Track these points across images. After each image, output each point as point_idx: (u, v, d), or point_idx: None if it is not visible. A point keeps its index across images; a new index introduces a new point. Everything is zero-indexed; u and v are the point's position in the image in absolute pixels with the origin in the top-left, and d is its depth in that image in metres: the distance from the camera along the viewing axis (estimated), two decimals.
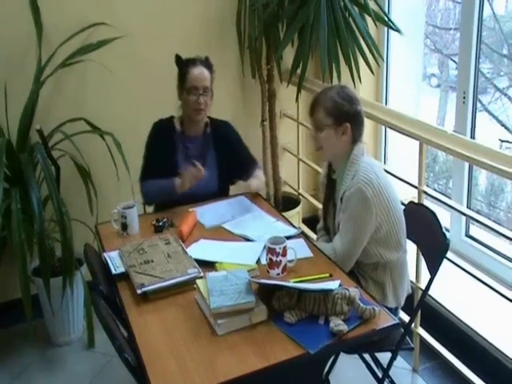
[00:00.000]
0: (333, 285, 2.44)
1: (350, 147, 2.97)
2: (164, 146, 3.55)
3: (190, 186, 3.33)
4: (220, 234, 3.18)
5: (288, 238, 2.89)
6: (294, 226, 3.24)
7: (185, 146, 3.57)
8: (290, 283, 2.51)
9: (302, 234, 3.15)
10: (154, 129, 3.62)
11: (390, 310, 2.75)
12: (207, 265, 2.80)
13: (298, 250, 2.82)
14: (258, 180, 3.52)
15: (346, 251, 2.93)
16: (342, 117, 2.92)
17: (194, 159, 3.45)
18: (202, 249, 3.00)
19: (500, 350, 3.23)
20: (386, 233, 2.93)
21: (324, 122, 2.94)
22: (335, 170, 3.10)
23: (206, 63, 3.52)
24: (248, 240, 3.09)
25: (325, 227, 3.30)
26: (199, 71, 3.45)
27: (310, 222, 4.81)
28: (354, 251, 2.94)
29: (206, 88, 3.45)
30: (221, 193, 3.65)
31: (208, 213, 3.38)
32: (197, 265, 2.74)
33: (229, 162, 3.60)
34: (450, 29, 5.87)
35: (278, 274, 2.69)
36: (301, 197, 5.08)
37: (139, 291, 2.58)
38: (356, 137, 2.98)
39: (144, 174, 3.59)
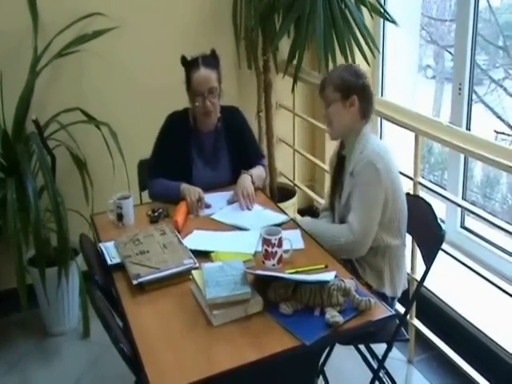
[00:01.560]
0: (328, 276, 2.44)
1: (359, 123, 3.03)
2: (177, 141, 3.48)
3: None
4: (213, 224, 3.18)
5: (279, 225, 2.94)
6: (284, 213, 3.27)
7: (198, 143, 3.53)
8: (286, 274, 2.51)
9: (292, 221, 3.19)
10: (168, 121, 3.54)
11: (386, 299, 2.76)
12: (203, 255, 2.81)
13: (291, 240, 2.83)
14: (244, 183, 3.40)
15: (365, 227, 2.93)
16: (348, 90, 2.98)
17: (207, 156, 3.52)
18: (197, 239, 3.01)
19: (495, 342, 3.24)
20: (389, 216, 2.96)
21: (332, 97, 3.02)
22: (345, 145, 3.14)
23: (210, 61, 3.41)
24: (241, 229, 3.10)
25: (330, 206, 3.32)
26: (201, 75, 3.35)
27: (306, 212, 4.82)
28: (372, 225, 2.95)
29: (212, 88, 3.36)
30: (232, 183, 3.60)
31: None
32: (192, 255, 2.74)
33: (238, 150, 3.57)
34: (446, 20, 5.85)
35: (274, 265, 2.69)
36: (296, 188, 5.08)
37: (135, 282, 2.58)
38: (365, 112, 3.04)
39: (154, 169, 3.51)
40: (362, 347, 3.19)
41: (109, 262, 2.79)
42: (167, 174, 3.44)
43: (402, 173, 3.60)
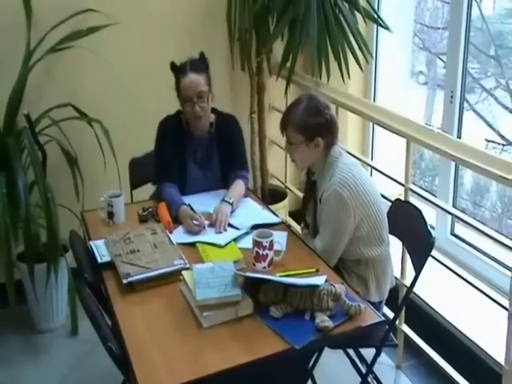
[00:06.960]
0: (319, 280, 2.45)
1: (325, 153, 2.99)
2: (174, 145, 3.47)
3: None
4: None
5: (271, 225, 3.04)
6: (276, 216, 3.29)
7: (193, 146, 3.52)
8: (277, 277, 2.51)
9: (284, 224, 3.22)
10: (162, 128, 3.53)
11: (373, 304, 2.77)
12: (192, 252, 2.89)
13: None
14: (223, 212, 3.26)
15: (326, 252, 2.95)
16: (312, 132, 2.93)
17: (200, 160, 3.52)
18: (183, 232, 3.11)
19: (482, 349, 3.24)
20: (367, 231, 2.95)
21: (295, 139, 2.97)
22: (314, 172, 3.12)
23: (198, 65, 3.40)
24: (232, 226, 3.15)
25: (304, 223, 3.34)
26: (190, 79, 3.32)
27: (297, 215, 4.81)
28: (334, 251, 2.97)
29: (201, 93, 3.34)
30: None
31: (192, 201, 3.35)
32: (183, 256, 2.75)
33: (227, 156, 3.55)
34: (439, 28, 5.88)
35: (265, 268, 2.71)
36: (288, 190, 5.08)
37: (125, 281, 2.58)
38: (330, 143, 2.99)
39: (160, 173, 3.49)
40: (350, 351, 3.20)
41: (99, 261, 2.79)
42: (172, 177, 3.45)
43: (393, 179, 3.63)
